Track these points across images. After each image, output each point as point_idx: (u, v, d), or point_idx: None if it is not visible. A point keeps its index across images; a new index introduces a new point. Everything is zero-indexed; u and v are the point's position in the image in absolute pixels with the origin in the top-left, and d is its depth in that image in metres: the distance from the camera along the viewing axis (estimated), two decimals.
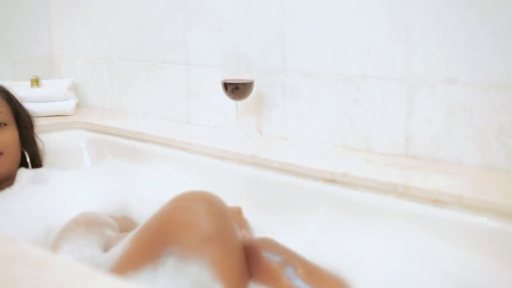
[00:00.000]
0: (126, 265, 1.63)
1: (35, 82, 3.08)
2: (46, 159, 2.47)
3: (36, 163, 2.37)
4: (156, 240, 1.62)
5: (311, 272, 1.63)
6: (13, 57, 3.28)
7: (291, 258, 1.65)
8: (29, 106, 2.44)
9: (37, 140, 2.42)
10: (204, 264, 1.54)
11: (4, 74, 3.16)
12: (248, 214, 2.00)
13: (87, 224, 1.89)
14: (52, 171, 2.32)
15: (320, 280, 1.62)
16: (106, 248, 1.83)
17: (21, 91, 2.44)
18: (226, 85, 2.39)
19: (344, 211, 1.95)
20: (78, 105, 3.17)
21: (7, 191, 2.16)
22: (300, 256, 1.67)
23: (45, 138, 2.47)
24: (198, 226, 1.60)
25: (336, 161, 2.12)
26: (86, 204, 2.09)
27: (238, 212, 1.96)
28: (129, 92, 3.05)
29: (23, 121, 2.34)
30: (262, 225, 2.02)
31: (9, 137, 2.23)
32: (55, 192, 2.19)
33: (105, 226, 1.93)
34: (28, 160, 2.33)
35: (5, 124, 2.24)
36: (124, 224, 2.07)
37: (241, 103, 2.43)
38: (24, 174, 2.22)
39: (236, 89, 2.37)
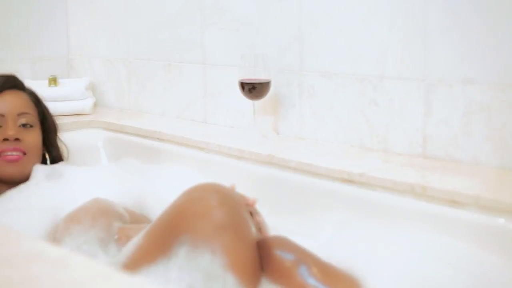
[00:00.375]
0: (140, 260, 1.64)
1: (53, 81, 3.10)
2: None
3: None
4: (168, 233, 1.62)
5: (325, 271, 1.63)
6: (31, 56, 3.30)
7: (304, 256, 1.65)
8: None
9: (60, 144, 2.43)
10: (216, 253, 1.54)
11: (22, 73, 3.16)
12: (265, 214, 2.00)
13: (95, 213, 1.90)
14: (67, 166, 2.32)
15: (334, 279, 1.61)
16: (110, 239, 1.84)
17: (39, 90, 2.44)
18: (243, 85, 2.39)
19: (361, 211, 1.95)
20: (95, 105, 3.18)
21: (22, 186, 2.18)
22: (313, 254, 1.67)
23: (63, 137, 2.48)
24: (210, 215, 1.60)
25: (353, 161, 2.12)
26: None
27: (252, 202, 1.94)
28: (146, 91, 3.06)
29: (48, 125, 2.36)
30: (278, 225, 2.02)
31: (34, 138, 2.25)
32: (69, 187, 2.20)
33: (114, 217, 1.94)
34: (48, 163, 2.34)
35: (31, 126, 2.26)
36: (138, 220, 2.07)
37: (258, 103, 2.43)
38: (40, 170, 2.23)
39: (253, 89, 2.37)
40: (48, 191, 2.16)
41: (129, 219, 2.02)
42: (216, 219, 1.60)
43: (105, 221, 1.89)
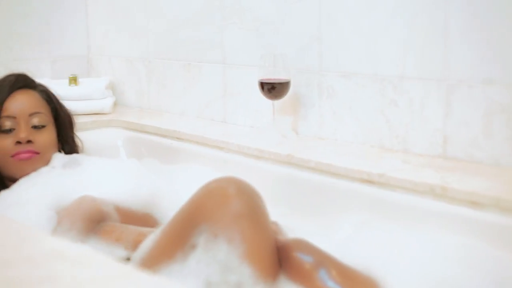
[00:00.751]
0: (159, 257, 1.64)
1: (73, 80, 3.11)
2: None
3: None
4: (186, 226, 1.63)
5: (345, 273, 1.63)
6: (52, 56, 3.31)
7: (324, 259, 1.65)
8: (67, 104, 2.45)
9: (76, 140, 2.43)
10: (234, 241, 1.54)
11: (43, 72, 3.19)
12: (284, 214, 2.00)
13: (74, 216, 1.91)
14: (86, 157, 2.33)
15: (353, 282, 1.61)
16: (89, 242, 1.85)
17: (59, 89, 2.45)
18: (262, 85, 2.39)
19: (381, 212, 1.94)
20: (115, 104, 3.19)
21: (33, 174, 2.18)
22: (333, 257, 1.67)
23: (83, 136, 2.48)
24: (228, 204, 1.61)
25: (373, 161, 2.11)
26: (108, 191, 2.09)
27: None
28: (165, 91, 3.07)
29: (62, 121, 2.36)
30: (297, 225, 2.02)
31: (47, 137, 2.25)
32: (82, 176, 2.19)
33: (96, 219, 1.94)
34: None
35: (43, 126, 2.26)
36: (138, 219, 2.07)
37: (277, 102, 2.43)
38: (59, 158, 2.24)
39: (273, 89, 2.37)
40: (58, 179, 2.16)
41: (120, 218, 2.01)
42: (234, 208, 1.60)
43: (81, 225, 1.89)
